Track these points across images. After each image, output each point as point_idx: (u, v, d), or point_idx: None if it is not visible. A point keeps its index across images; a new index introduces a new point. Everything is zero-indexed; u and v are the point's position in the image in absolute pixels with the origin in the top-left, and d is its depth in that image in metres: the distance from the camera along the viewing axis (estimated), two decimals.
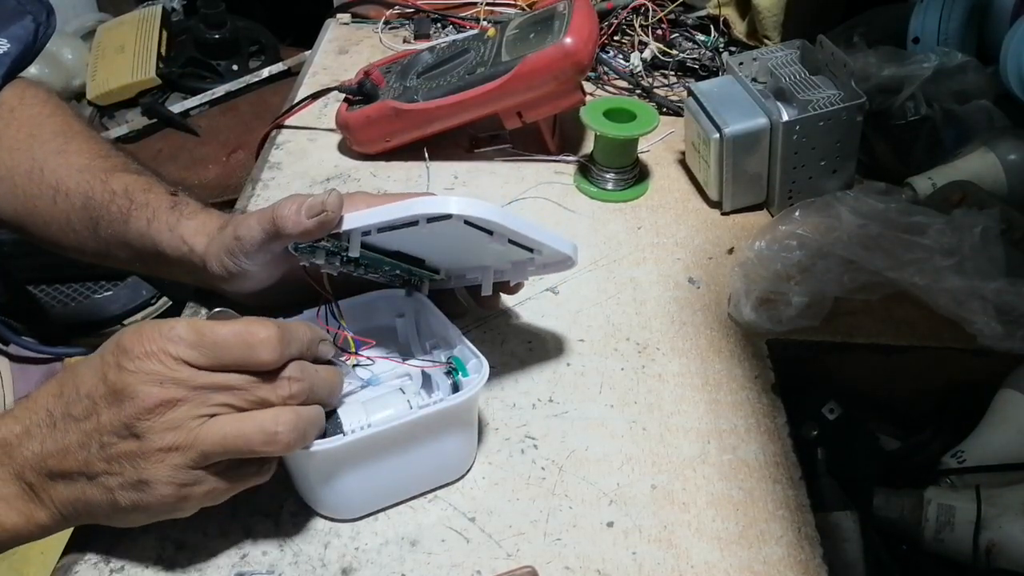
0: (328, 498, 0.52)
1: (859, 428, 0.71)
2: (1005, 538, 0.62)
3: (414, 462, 0.52)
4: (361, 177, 0.83)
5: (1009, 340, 0.63)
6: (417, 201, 0.49)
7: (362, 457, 0.50)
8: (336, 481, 0.51)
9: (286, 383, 0.46)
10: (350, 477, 0.51)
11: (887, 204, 0.67)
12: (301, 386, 0.47)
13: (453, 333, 0.56)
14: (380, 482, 0.52)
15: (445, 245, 0.56)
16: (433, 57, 0.85)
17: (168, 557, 0.51)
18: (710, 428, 0.60)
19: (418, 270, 0.58)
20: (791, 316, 0.65)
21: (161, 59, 1.72)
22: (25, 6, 0.72)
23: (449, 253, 0.58)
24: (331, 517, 0.53)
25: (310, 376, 0.47)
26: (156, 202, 0.63)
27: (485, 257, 0.58)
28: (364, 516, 0.53)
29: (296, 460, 0.51)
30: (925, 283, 0.64)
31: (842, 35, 0.88)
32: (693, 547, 0.52)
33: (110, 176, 0.65)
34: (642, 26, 1.01)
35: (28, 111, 0.69)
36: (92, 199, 0.64)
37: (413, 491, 0.54)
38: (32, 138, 0.67)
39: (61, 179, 0.65)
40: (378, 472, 0.51)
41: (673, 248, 0.75)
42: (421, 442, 0.52)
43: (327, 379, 0.49)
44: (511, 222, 0.51)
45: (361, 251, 0.53)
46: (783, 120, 0.73)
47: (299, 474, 0.52)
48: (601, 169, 0.81)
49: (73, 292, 1.59)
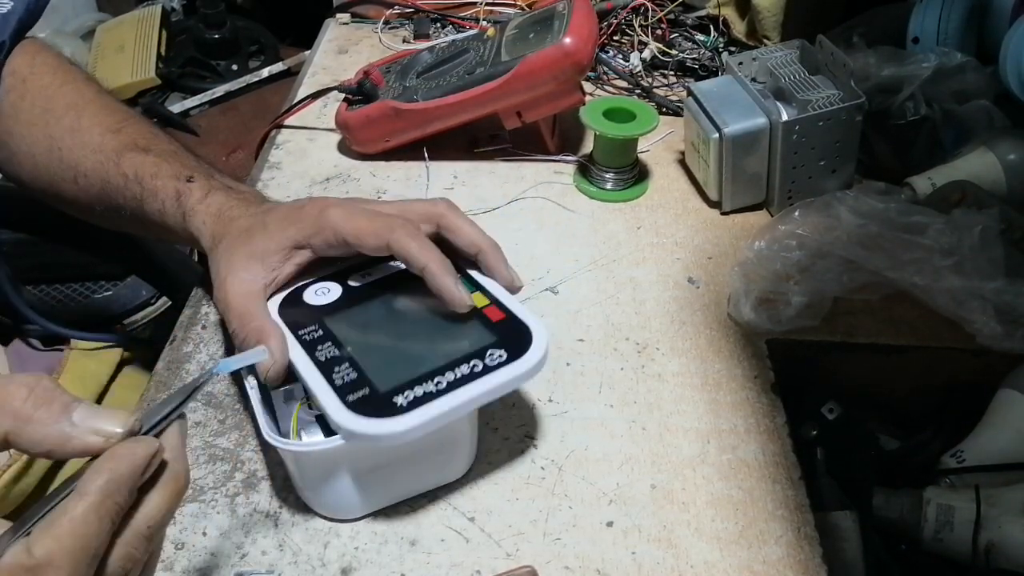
0: (327, 499, 0.52)
1: (859, 428, 0.71)
2: (1004, 538, 0.62)
3: (414, 461, 0.52)
4: (361, 177, 0.83)
5: (1008, 340, 0.63)
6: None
7: (360, 457, 0.50)
8: (334, 481, 0.50)
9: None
10: (348, 477, 0.50)
11: (887, 204, 0.67)
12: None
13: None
14: (379, 482, 0.52)
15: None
16: (433, 57, 0.85)
17: (168, 557, 0.51)
18: (710, 428, 0.60)
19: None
20: (791, 316, 0.65)
21: (161, 59, 1.73)
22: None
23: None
24: (330, 517, 0.53)
25: (137, 554, 0.37)
26: (163, 191, 0.62)
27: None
28: (363, 517, 0.53)
29: (293, 461, 0.51)
30: (925, 283, 0.64)
31: (842, 35, 0.88)
32: (693, 547, 0.52)
33: (121, 157, 0.64)
34: (642, 26, 1.01)
35: (40, 81, 0.68)
36: (109, 183, 0.63)
37: (413, 491, 0.54)
38: (47, 113, 0.66)
39: (78, 160, 0.64)
40: (376, 472, 0.51)
41: (673, 248, 0.75)
42: (421, 441, 0.51)
43: (160, 520, 0.38)
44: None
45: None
46: (783, 120, 0.73)
47: (297, 475, 0.52)
48: (601, 169, 0.81)
49: (73, 292, 1.59)
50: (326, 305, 0.55)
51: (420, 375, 0.48)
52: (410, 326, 0.53)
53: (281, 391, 0.54)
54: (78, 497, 0.35)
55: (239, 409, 0.60)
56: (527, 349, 0.49)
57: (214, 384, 0.61)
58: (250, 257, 0.56)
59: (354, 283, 0.56)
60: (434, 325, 0.53)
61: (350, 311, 0.54)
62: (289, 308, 0.55)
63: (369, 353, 0.50)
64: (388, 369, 0.49)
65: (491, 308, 0.53)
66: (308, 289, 0.56)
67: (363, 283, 0.56)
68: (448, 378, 0.48)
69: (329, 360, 0.50)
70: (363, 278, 0.57)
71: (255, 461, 0.56)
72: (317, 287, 0.56)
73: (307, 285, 0.56)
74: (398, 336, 0.53)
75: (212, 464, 0.56)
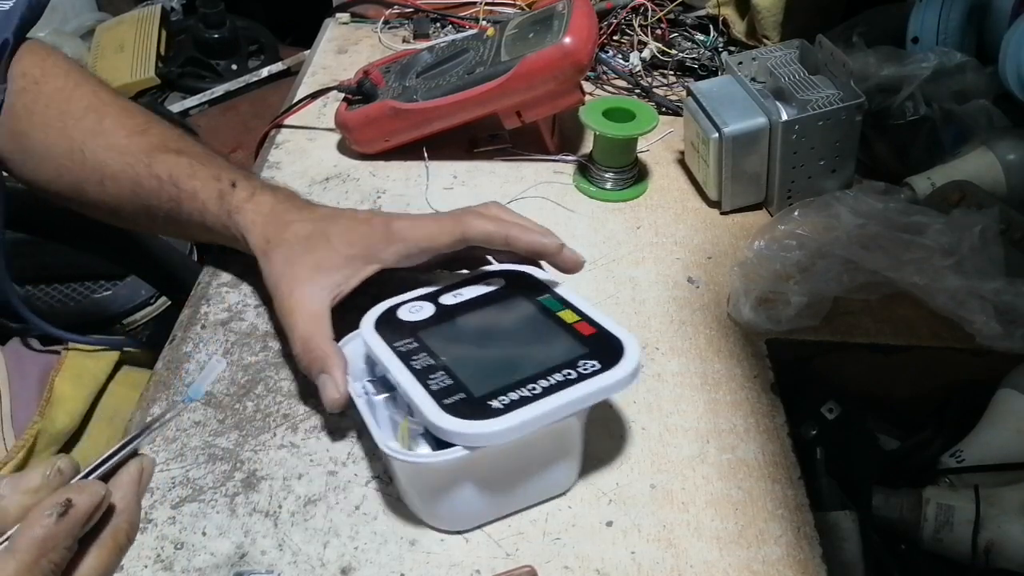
0: (441, 510, 0.52)
1: (858, 428, 0.71)
2: (1004, 538, 0.62)
3: (528, 472, 0.52)
4: (360, 177, 0.83)
5: (1008, 340, 0.63)
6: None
7: (479, 468, 0.49)
8: (451, 493, 0.50)
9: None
10: (464, 489, 0.50)
11: (886, 204, 0.67)
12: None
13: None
14: (493, 494, 0.51)
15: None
16: (432, 57, 0.85)
17: (167, 557, 0.51)
18: (709, 428, 0.60)
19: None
20: (790, 316, 0.65)
21: (160, 59, 1.73)
22: None
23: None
24: (442, 529, 0.52)
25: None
26: (204, 192, 0.62)
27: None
28: (473, 528, 0.53)
29: (409, 473, 0.51)
30: (924, 283, 0.64)
31: (841, 35, 0.88)
32: (692, 546, 0.52)
33: (153, 159, 0.63)
34: (641, 26, 1.01)
35: (53, 84, 0.67)
36: (140, 185, 0.63)
37: (525, 503, 0.54)
38: (64, 115, 0.66)
39: (104, 162, 0.64)
40: (492, 483, 0.51)
41: (672, 248, 0.75)
42: (536, 451, 0.51)
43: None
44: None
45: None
46: (782, 120, 0.73)
47: (411, 487, 0.52)
48: (600, 169, 0.81)
49: (73, 292, 1.59)
50: (420, 321, 0.56)
51: (514, 381, 0.49)
52: (502, 340, 0.55)
53: (381, 399, 0.54)
54: (9, 556, 0.31)
55: (239, 409, 0.60)
56: (619, 359, 0.50)
57: (217, 384, 0.61)
58: (315, 270, 0.57)
59: (445, 302, 0.58)
60: (525, 338, 0.54)
61: (442, 327, 0.56)
62: (384, 324, 0.56)
63: (463, 363, 0.51)
64: (482, 376, 0.50)
65: (581, 323, 0.54)
66: (402, 307, 0.58)
67: (455, 302, 0.58)
68: (542, 384, 0.49)
69: (424, 368, 0.51)
70: (454, 298, 0.58)
71: (255, 461, 0.56)
72: (410, 305, 0.58)
73: (400, 304, 0.58)
74: (490, 348, 0.55)
75: (212, 464, 0.56)
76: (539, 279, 0.59)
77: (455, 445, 0.47)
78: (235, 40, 1.80)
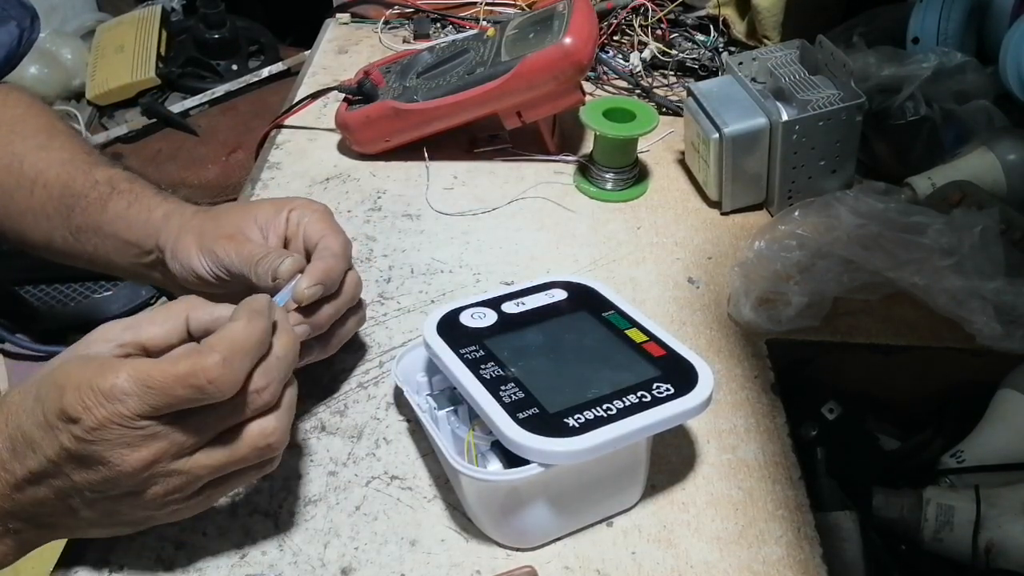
0: (509, 527, 0.51)
1: (858, 428, 0.71)
2: (1004, 538, 0.62)
3: (597, 489, 0.51)
4: (360, 177, 0.83)
5: (1008, 340, 0.63)
6: None
7: (551, 485, 0.49)
8: (520, 510, 0.49)
9: (256, 397, 0.44)
10: (534, 506, 0.49)
11: (886, 204, 0.67)
12: (271, 391, 0.44)
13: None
14: (562, 511, 0.51)
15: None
16: (433, 57, 0.85)
17: (167, 557, 0.51)
18: (709, 428, 0.60)
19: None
20: (791, 316, 0.65)
21: (161, 59, 1.72)
22: (8, 11, 0.71)
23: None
24: (509, 546, 0.52)
25: (273, 374, 0.44)
26: (141, 189, 0.63)
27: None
28: (543, 545, 0.52)
29: (479, 489, 0.50)
30: (924, 283, 0.64)
31: (842, 35, 0.88)
32: (692, 547, 0.52)
33: (94, 168, 0.64)
34: (642, 26, 1.01)
35: (11, 111, 0.68)
36: (71, 187, 0.63)
37: (592, 519, 0.53)
38: (13, 134, 0.67)
39: (41, 171, 0.64)
40: (561, 500, 0.50)
41: (672, 248, 0.75)
42: (606, 468, 0.50)
43: (287, 358, 0.45)
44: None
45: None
46: (782, 120, 0.73)
47: (478, 503, 0.51)
48: (601, 169, 0.81)
49: (72, 292, 1.59)
50: (484, 328, 0.55)
51: (589, 400, 0.48)
52: (570, 353, 0.54)
53: (444, 413, 0.54)
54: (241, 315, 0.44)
55: None
56: (694, 385, 0.50)
57: None
58: (238, 213, 0.59)
59: (508, 310, 0.57)
60: (594, 355, 0.53)
61: (508, 335, 0.55)
62: (447, 328, 0.55)
63: (534, 375, 0.51)
64: (555, 392, 0.49)
65: (650, 344, 0.54)
66: (463, 312, 0.57)
67: (517, 311, 0.57)
68: (617, 405, 0.48)
69: (495, 379, 0.50)
70: (516, 306, 0.58)
71: None
72: (472, 311, 0.57)
73: (461, 309, 0.57)
74: (559, 362, 0.53)
75: None
76: (602, 294, 0.59)
77: (525, 461, 0.46)
78: (235, 40, 1.80)
